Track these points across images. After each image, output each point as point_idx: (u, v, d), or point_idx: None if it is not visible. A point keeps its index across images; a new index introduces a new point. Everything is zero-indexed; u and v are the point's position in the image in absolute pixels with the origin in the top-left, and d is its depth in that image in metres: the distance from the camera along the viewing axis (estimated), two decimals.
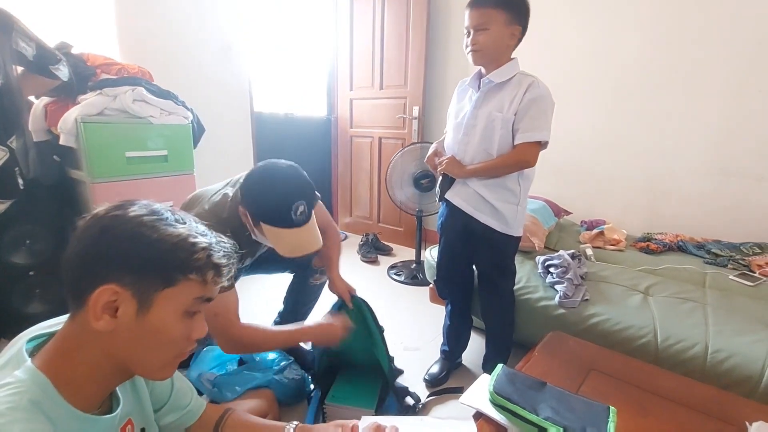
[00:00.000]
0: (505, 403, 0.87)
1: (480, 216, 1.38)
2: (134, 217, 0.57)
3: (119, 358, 0.58)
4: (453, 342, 1.66)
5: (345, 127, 3.45)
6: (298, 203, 1.07)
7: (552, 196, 2.38)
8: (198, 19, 2.35)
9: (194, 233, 0.60)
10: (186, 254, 0.58)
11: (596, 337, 1.42)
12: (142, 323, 0.56)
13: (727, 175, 2.14)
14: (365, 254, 2.98)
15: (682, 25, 2.14)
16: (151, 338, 0.58)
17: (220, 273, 0.62)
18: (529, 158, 1.29)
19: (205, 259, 0.59)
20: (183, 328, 0.60)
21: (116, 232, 0.56)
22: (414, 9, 2.79)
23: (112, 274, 0.54)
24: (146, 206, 0.59)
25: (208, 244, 0.60)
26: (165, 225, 0.58)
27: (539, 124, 1.26)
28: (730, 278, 1.74)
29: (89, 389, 0.58)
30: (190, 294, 0.59)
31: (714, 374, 1.24)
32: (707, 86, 2.12)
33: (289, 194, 1.07)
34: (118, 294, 0.54)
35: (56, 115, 1.63)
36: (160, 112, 1.78)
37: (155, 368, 0.62)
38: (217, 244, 0.62)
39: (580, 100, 2.47)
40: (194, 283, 0.59)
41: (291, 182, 1.10)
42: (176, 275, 0.57)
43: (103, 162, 1.61)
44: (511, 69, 1.31)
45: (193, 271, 0.58)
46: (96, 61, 1.73)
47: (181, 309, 0.59)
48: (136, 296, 0.55)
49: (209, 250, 0.60)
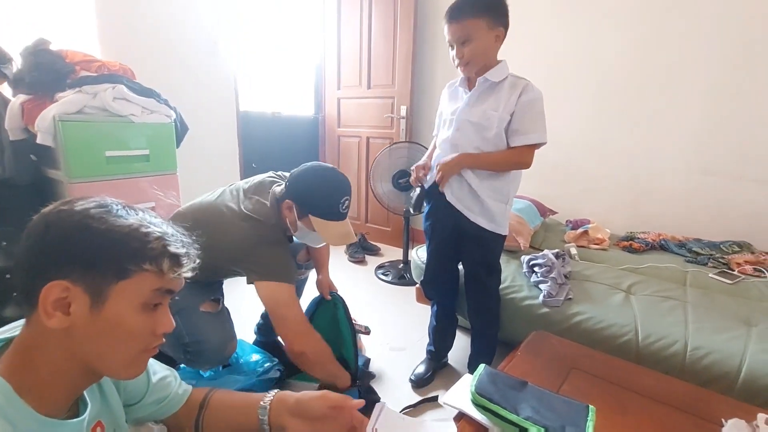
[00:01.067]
0: (486, 403, 0.87)
1: (470, 215, 1.39)
2: (81, 210, 0.54)
3: (81, 357, 0.56)
4: (439, 342, 1.66)
5: (333, 127, 3.44)
6: (345, 198, 1.22)
7: (538, 195, 2.40)
8: (182, 15, 2.31)
9: (146, 223, 0.57)
10: (138, 244, 0.55)
11: (579, 335, 1.44)
12: (98, 318, 0.54)
13: (708, 175, 2.18)
14: (353, 254, 2.97)
15: (664, 27, 2.18)
16: (111, 334, 0.55)
17: (179, 263, 0.59)
18: (527, 160, 1.34)
19: (160, 248, 0.57)
20: (143, 321, 0.57)
21: (62, 225, 0.53)
22: (401, 8, 2.79)
23: (61, 270, 0.52)
24: (95, 200, 0.57)
25: (162, 233, 0.58)
26: (114, 216, 0.56)
27: (537, 127, 1.30)
28: (710, 276, 1.77)
29: (54, 393, 0.56)
30: (147, 286, 0.57)
31: (693, 371, 1.26)
32: (688, 87, 2.16)
33: (338, 189, 1.22)
34: (68, 290, 0.52)
35: (33, 113, 1.58)
36: (142, 110, 1.75)
37: (120, 366, 0.59)
38: (172, 234, 0.60)
39: (565, 100, 2.50)
40: (150, 274, 0.56)
41: (339, 179, 1.25)
42: (129, 267, 0.55)
43: (82, 161, 1.57)
44: (504, 70, 1.33)
45: (148, 261, 0.56)
46: (75, 57, 1.68)
47: (138, 301, 0.56)
48: (88, 291, 0.53)
49: (164, 240, 0.58)
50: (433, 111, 3.00)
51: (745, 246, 2.03)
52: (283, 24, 3.18)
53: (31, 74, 1.60)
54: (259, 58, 3.06)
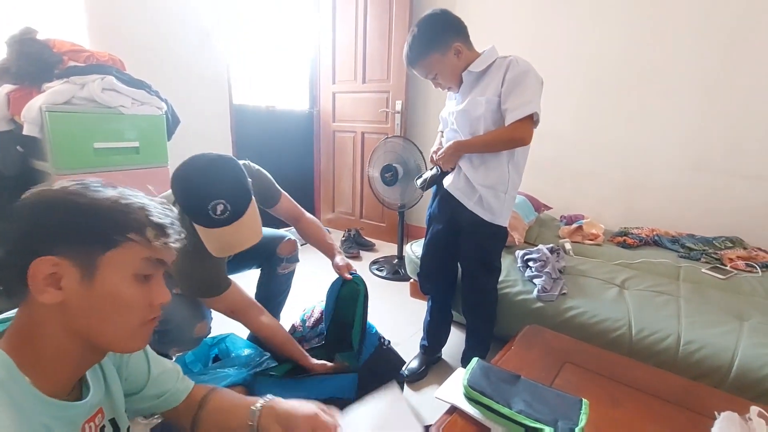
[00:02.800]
0: (479, 397, 0.87)
1: (467, 203, 1.37)
2: (60, 189, 0.56)
3: (80, 332, 0.56)
4: (433, 337, 1.66)
5: (327, 121, 3.41)
6: (215, 202, 1.00)
7: (532, 191, 2.39)
8: (174, 6, 2.27)
9: (126, 195, 0.58)
10: (121, 215, 0.56)
11: (573, 330, 1.44)
12: (91, 291, 0.55)
13: (700, 171, 2.19)
14: (347, 250, 2.96)
15: (658, 23, 2.17)
16: (105, 305, 0.56)
17: (164, 232, 0.59)
18: (523, 134, 1.26)
19: (143, 218, 0.58)
20: (137, 292, 0.58)
21: (44, 203, 0.54)
22: (397, 2, 2.76)
23: (48, 246, 0.53)
24: (73, 180, 0.58)
25: (143, 204, 0.59)
26: (93, 191, 0.57)
27: (525, 99, 1.23)
28: (703, 271, 1.77)
29: (56, 372, 0.56)
30: (136, 255, 0.57)
31: (686, 365, 1.26)
32: (681, 83, 2.17)
33: (205, 194, 1.01)
34: (57, 265, 0.52)
35: (20, 104, 1.55)
36: (132, 101, 1.72)
37: (120, 338, 0.59)
38: (154, 206, 0.60)
39: (558, 96, 2.49)
40: (137, 244, 0.57)
41: (208, 181, 1.02)
42: (115, 237, 0.56)
43: (69, 153, 1.54)
44: (490, 56, 1.31)
45: (132, 231, 0.57)
46: (63, 47, 1.65)
47: (129, 272, 0.57)
48: (76, 264, 0.54)
49: (146, 210, 0.58)
50: (429, 106, 3.02)
51: (737, 242, 2.04)
52: (277, 17, 3.14)
53: (18, 64, 1.57)
54: (254, 52, 3.03)
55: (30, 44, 1.59)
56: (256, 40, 3.02)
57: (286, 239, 1.54)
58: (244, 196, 1.07)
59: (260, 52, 3.07)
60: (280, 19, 3.16)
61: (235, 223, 1.04)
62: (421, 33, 1.29)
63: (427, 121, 3.05)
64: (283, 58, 3.24)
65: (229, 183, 1.04)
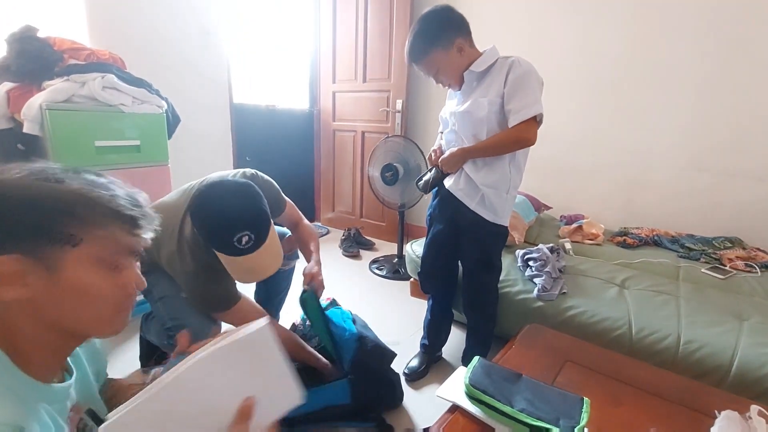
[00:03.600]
0: (481, 395, 0.87)
1: (470, 203, 1.37)
2: (17, 180, 0.51)
3: (55, 322, 0.55)
4: (433, 336, 1.66)
5: (328, 121, 3.41)
6: (241, 234, 1.02)
7: (533, 190, 2.40)
8: (175, 3, 2.26)
9: (92, 187, 0.55)
10: (84, 209, 0.53)
11: (573, 329, 1.44)
12: (58, 285, 0.53)
13: (700, 171, 2.19)
14: (347, 249, 2.95)
15: (658, 22, 2.18)
16: (76, 297, 0.54)
17: (136, 224, 0.57)
18: (528, 135, 1.27)
19: (111, 211, 0.55)
20: (107, 282, 0.56)
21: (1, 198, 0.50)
22: (397, 1, 2.76)
23: (9, 244, 0.50)
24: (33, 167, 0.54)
25: (111, 195, 0.56)
26: (55, 182, 0.53)
27: (530, 100, 1.24)
28: (702, 271, 1.78)
29: (41, 359, 0.56)
30: (103, 248, 0.55)
31: (686, 364, 1.26)
32: (681, 83, 2.17)
33: (231, 226, 1.02)
34: (19, 261, 0.50)
35: (20, 102, 1.55)
36: (132, 100, 1.72)
37: (98, 325, 0.58)
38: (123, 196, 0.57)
39: (559, 96, 2.49)
40: (103, 238, 0.55)
41: (234, 212, 1.04)
42: (76, 232, 0.53)
43: (70, 151, 1.54)
44: (491, 56, 1.31)
45: (97, 225, 0.54)
46: (63, 45, 1.65)
47: (96, 264, 0.55)
48: (40, 261, 0.51)
49: (114, 202, 0.55)
50: (429, 105, 3.02)
51: (737, 242, 2.04)
52: (278, 16, 3.14)
53: (18, 62, 1.56)
54: (254, 51, 3.02)
55: (30, 42, 1.58)
56: (257, 39, 3.02)
57: (285, 236, 1.54)
58: (265, 224, 1.08)
59: (260, 51, 3.07)
60: (281, 18, 3.16)
61: (258, 250, 1.06)
62: (424, 29, 1.29)
63: (428, 120, 3.05)
64: (283, 57, 3.24)
65: (252, 214, 1.06)
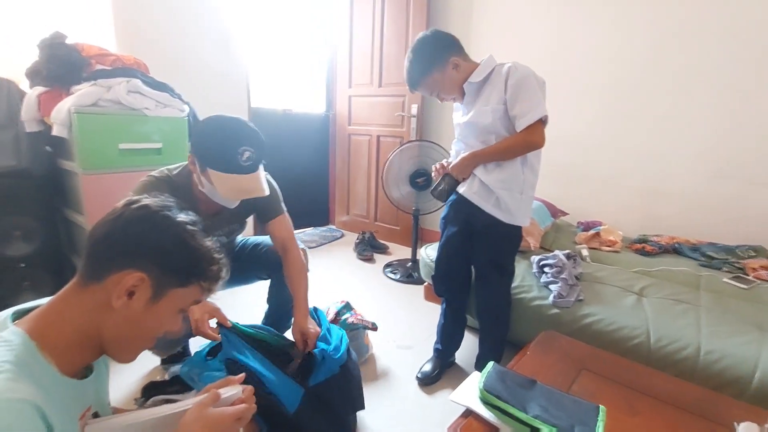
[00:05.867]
0: (495, 401, 0.87)
1: (485, 206, 1.37)
2: (181, 223, 0.66)
3: (105, 335, 0.62)
4: (446, 341, 1.65)
5: (343, 125, 3.44)
6: (245, 148, 1.10)
7: (549, 196, 2.38)
8: (197, 10, 2.33)
9: (216, 249, 0.70)
10: (206, 265, 0.68)
11: (590, 337, 1.42)
12: (148, 311, 0.63)
13: (723, 178, 2.14)
14: (361, 252, 2.97)
15: (680, 25, 2.14)
16: (146, 325, 0.64)
17: (217, 284, 0.72)
18: (536, 138, 1.29)
19: (216, 272, 0.70)
20: (173, 323, 0.68)
21: (164, 231, 0.64)
22: (414, 6, 2.78)
23: (144, 263, 0.61)
24: (189, 214, 0.69)
25: (221, 261, 0.71)
26: (200, 236, 0.68)
27: (533, 104, 1.26)
28: (724, 281, 1.73)
29: (71, 356, 0.61)
30: (193, 296, 0.68)
31: (706, 375, 1.23)
32: (705, 88, 2.13)
33: (235, 139, 1.11)
34: (143, 281, 0.61)
35: (49, 105, 1.61)
36: (156, 104, 1.77)
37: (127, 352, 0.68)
38: (225, 262, 0.72)
39: (577, 100, 2.47)
40: (199, 288, 0.69)
41: (238, 128, 1.13)
42: (191, 279, 0.67)
43: (96, 153, 1.59)
44: (488, 65, 1.34)
45: (205, 280, 0.69)
46: (90, 51, 1.71)
47: (179, 306, 0.68)
48: (153, 287, 0.62)
49: (221, 265, 0.71)
50: (444, 110, 3.03)
51: (761, 251, 1.99)
52: (295, 21, 3.19)
53: (48, 67, 1.63)
54: (272, 55, 3.08)
55: (59, 48, 1.65)
56: (275, 44, 3.07)
57: None
58: (263, 149, 1.17)
59: (278, 56, 3.12)
60: (298, 24, 3.21)
61: (254, 173, 1.15)
62: (417, 56, 1.35)
63: (443, 125, 3.05)
64: (300, 62, 3.29)
65: (253, 132, 1.15)
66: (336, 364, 1.21)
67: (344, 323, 1.66)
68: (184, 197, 1.22)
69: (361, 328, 1.68)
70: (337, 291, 2.34)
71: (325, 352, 1.20)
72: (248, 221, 1.52)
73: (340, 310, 1.74)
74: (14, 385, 0.49)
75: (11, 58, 1.76)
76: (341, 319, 1.68)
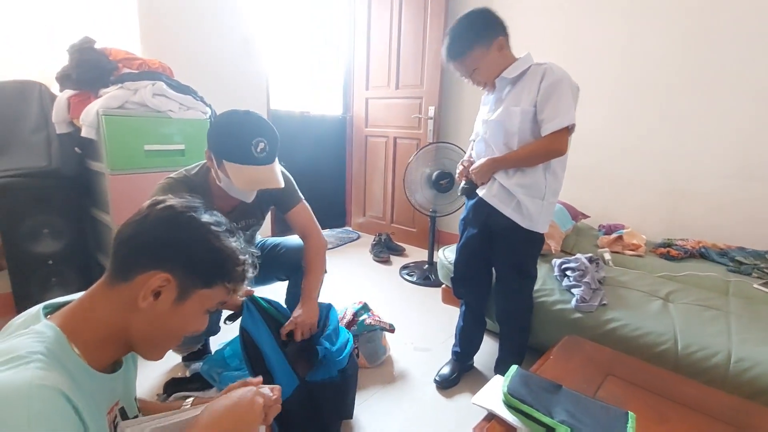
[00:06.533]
0: (519, 404, 0.85)
1: (505, 209, 1.35)
2: (206, 224, 0.66)
3: (132, 334, 0.63)
4: (465, 343, 1.64)
5: (360, 127, 3.45)
6: (258, 139, 1.13)
7: (569, 198, 2.34)
8: (219, 15, 2.37)
9: (241, 249, 0.70)
10: (231, 266, 0.68)
11: (614, 342, 1.39)
12: (174, 311, 0.63)
13: (753, 180, 2.06)
14: (377, 254, 2.97)
15: (706, 24, 2.08)
16: (172, 325, 0.65)
17: (243, 285, 0.72)
18: (559, 146, 1.25)
19: (241, 273, 0.70)
20: (199, 323, 0.68)
21: (189, 232, 0.65)
22: (431, 8, 2.78)
23: (170, 264, 0.62)
24: (214, 215, 0.70)
25: (247, 261, 0.71)
26: (225, 236, 0.68)
27: (562, 110, 1.22)
28: (755, 287, 1.68)
29: (100, 351, 0.62)
30: (218, 297, 0.68)
31: (736, 384, 1.19)
32: (730, 86, 2.06)
33: (248, 131, 1.13)
34: (168, 282, 0.61)
35: (79, 108, 1.66)
36: (179, 106, 1.80)
37: (155, 350, 0.69)
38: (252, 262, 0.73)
39: (599, 100, 2.42)
40: (225, 289, 0.69)
41: (251, 121, 1.16)
42: (216, 280, 0.67)
43: (123, 154, 1.63)
44: (524, 63, 1.30)
45: (230, 281, 0.69)
46: (118, 55, 1.76)
47: (206, 307, 0.68)
48: (179, 287, 0.63)
49: (246, 266, 0.71)
50: (461, 112, 3.01)
51: None
52: (313, 24, 3.23)
53: (77, 71, 1.68)
54: (290, 58, 3.11)
55: (88, 53, 1.70)
56: (294, 47, 3.11)
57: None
58: (276, 141, 1.19)
59: (297, 59, 3.15)
60: (317, 27, 3.24)
61: (269, 165, 1.17)
62: (465, 27, 1.28)
63: (460, 127, 3.04)
64: (318, 64, 3.32)
65: (269, 127, 1.19)
66: (335, 367, 1.20)
67: (362, 324, 1.66)
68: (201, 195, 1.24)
69: (378, 329, 1.67)
70: (353, 292, 2.34)
71: (327, 352, 1.19)
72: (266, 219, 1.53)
73: (357, 311, 1.74)
74: (45, 374, 0.50)
75: (43, 61, 1.83)
76: (359, 320, 1.68)
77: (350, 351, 1.29)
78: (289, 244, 1.51)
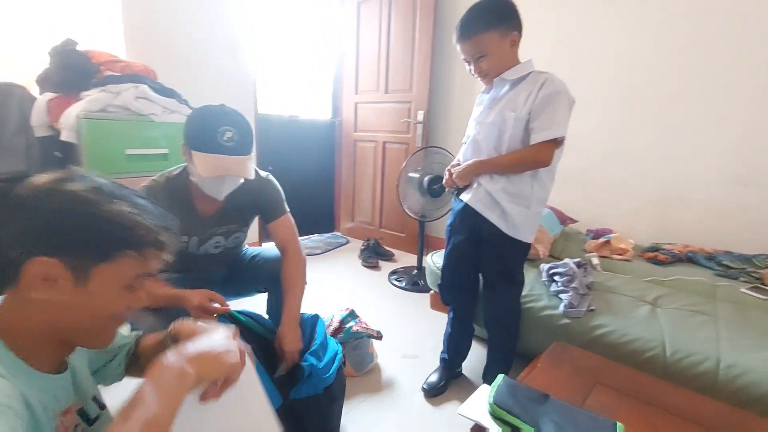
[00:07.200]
0: (505, 415, 0.83)
1: (490, 215, 1.34)
2: (71, 192, 0.56)
3: (60, 328, 0.59)
4: (453, 350, 1.62)
5: (349, 131, 3.44)
6: (226, 128, 1.10)
7: (558, 203, 2.33)
8: (206, 18, 2.35)
9: (133, 210, 0.59)
10: (126, 231, 0.58)
11: (602, 348, 1.38)
12: (81, 295, 0.56)
13: (740, 184, 2.08)
14: (366, 259, 2.94)
15: (699, 30, 2.10)
16: (91, 309, 0.58)
17: (162, 248, 0.62)
18: (544, 157, 1.24)
19: (148, 237, 0.60)
20: (123, 302, 0.61)
21: (54, 206, 0.55)
22: (420, 13, 2.78)
23: (48, 247, 0.54)
24: (88, 181, 0.58)
25: (150, 222, 0.60)
26: (103, 201, 0.57)
27: (554, 122, 1.21)
28: (742, 291, 1.68)
29: (39, 351, 0.59)
30: (130, 270, 0.59)
31: (726, 391, 1.18)
32: (720, 91, 2.08)
33: (215, 119, 1.11)
34: (52, 266, 0.53)
35: (58, 111, 1.62)
36: (163, 110, 1.77)
37: (92, 338, 0.63)
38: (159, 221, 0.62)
39: (589, 104, 2.42)
40: (133, 260, 0.59)
41: (219, 111, 1.14)
42: (111, 251, 0.57)
43: (103, 159, 1.60)
44: (525, 68, 1.28)
45: (131, 248, 0.58)
46: (100, 58, 1.72)
47: (121, 284, 0.59)
48: (72, 269, 0.55)
49: (150, 228, 0.60)
50: (451, 116, 3.01)
51: None
52: (302, 28, 3.21)
53: (59, 73, 1.64)
54: (278, 62, 3.09)
55: (70, 55, 1.67)
56: (282, 51, 3.09)
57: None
58: (249, 135, 1.17)
59: (285, 63, 3.13)
60: (305, 31, 3.23)
61: (238, 156, 1.13)
62: (487, 8, 1.24)
63: (449, 132, 3.04)
64: (306, 68, 3.30)
65: (241, 118, 1.16)
66: (321, 383, 1.14)
67: (349, 331, 1.63)
68: (182, 198, 1.25)
69: (365, 336, 1.65)
70: (342, 298, 2.31)
71: (313, 368, 1.13)
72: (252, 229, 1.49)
73: (344, 318, 1.71)
74: None
75: (23, 64, 1.78)
76: (346, 327, 1.65)
77: (338, 366, 1.22)
78: (268, 255, 1.45)
